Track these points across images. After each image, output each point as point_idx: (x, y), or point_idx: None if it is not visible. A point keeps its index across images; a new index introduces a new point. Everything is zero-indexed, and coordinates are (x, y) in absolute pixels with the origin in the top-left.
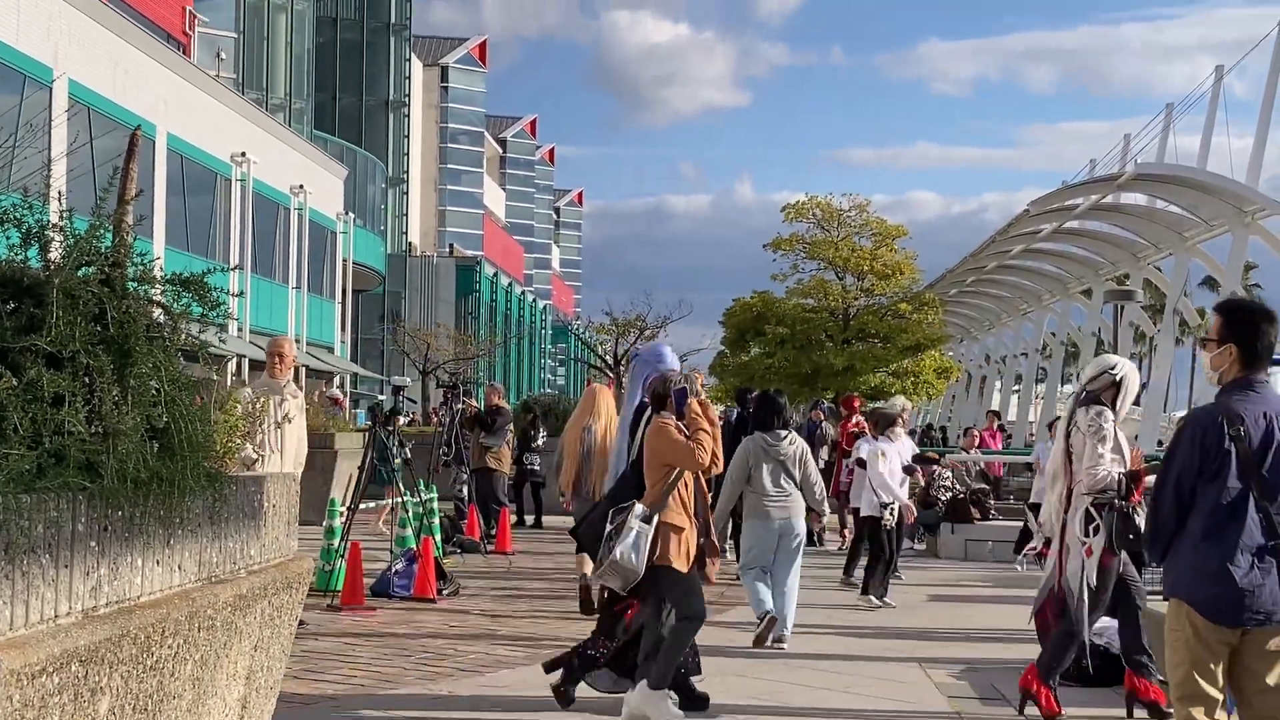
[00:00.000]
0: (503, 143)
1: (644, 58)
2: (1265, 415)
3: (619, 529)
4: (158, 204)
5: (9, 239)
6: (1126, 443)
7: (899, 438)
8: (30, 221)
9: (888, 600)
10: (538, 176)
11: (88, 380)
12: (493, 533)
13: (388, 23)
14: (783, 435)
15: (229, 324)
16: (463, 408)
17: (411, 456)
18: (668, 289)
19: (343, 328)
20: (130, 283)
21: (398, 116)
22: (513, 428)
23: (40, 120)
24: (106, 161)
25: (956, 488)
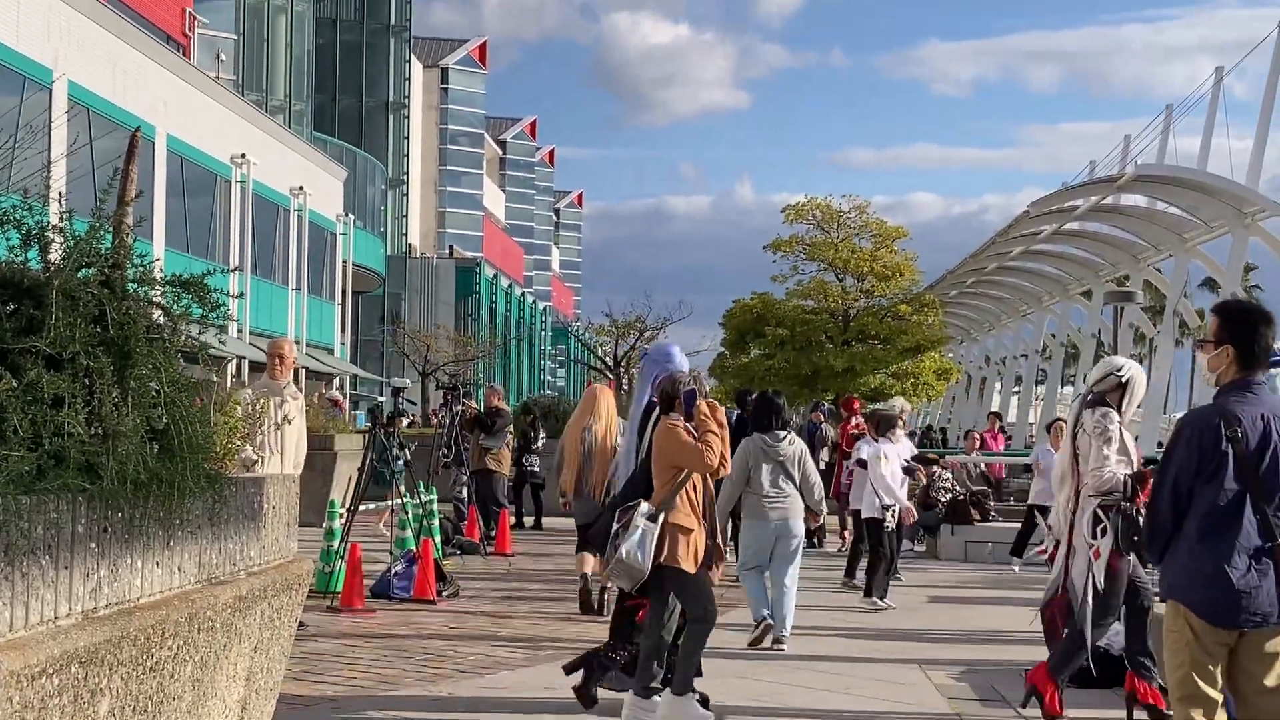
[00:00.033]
0: (502, 144)
1: (644, 59)
2: (1263, 417)
3: (625, 527)
4: (157, 205)
5: (9, 240)
6: (1133, 444)
7: (899, 439)
8: (30, 223)
9: (887, 602)
10: (538, 178)
11: (87, 382)
12: (492, 534)
13: (387, 24)
14: (782, 436)
15: (229, 325)
16: (462, 409)
17: (411, 458)
18: (668, 290)
19: (342, 329)
20: (130, 284)
21: (397, 118)
22: (512, 429)
23: (40, 122)
24: (106, 163)
25: (956, 489)
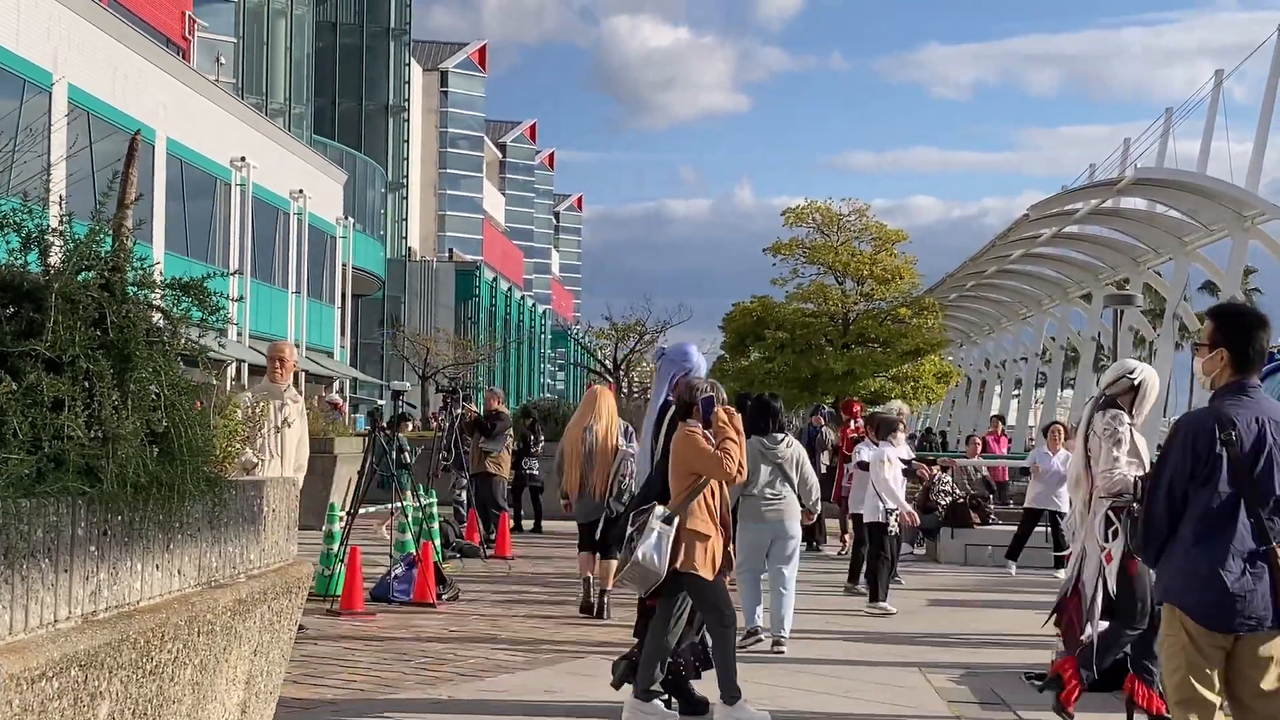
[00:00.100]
0: (502, 147)
1: (643, 62)
2: (1258, 420)
3: (640, 530)
4: (157, 209)
5: (9, 243)
6: (1145, 446)
7: (899, 443)
8: (30, 226)
9: (887, 605)
10: (537, 181)
11: (87, 385)
12: (492, 538)
13: (387, 27)
14: (780, 439)
15: (228, 329)
16: (462, 413)
17: (411, 462)
18: (667, 294)
19: (342, 332)
20: (130, 287)
21: (397, 121)
22: (512, 433)
23: (40, 125)
24: (106, 166)
25: (956, 492)
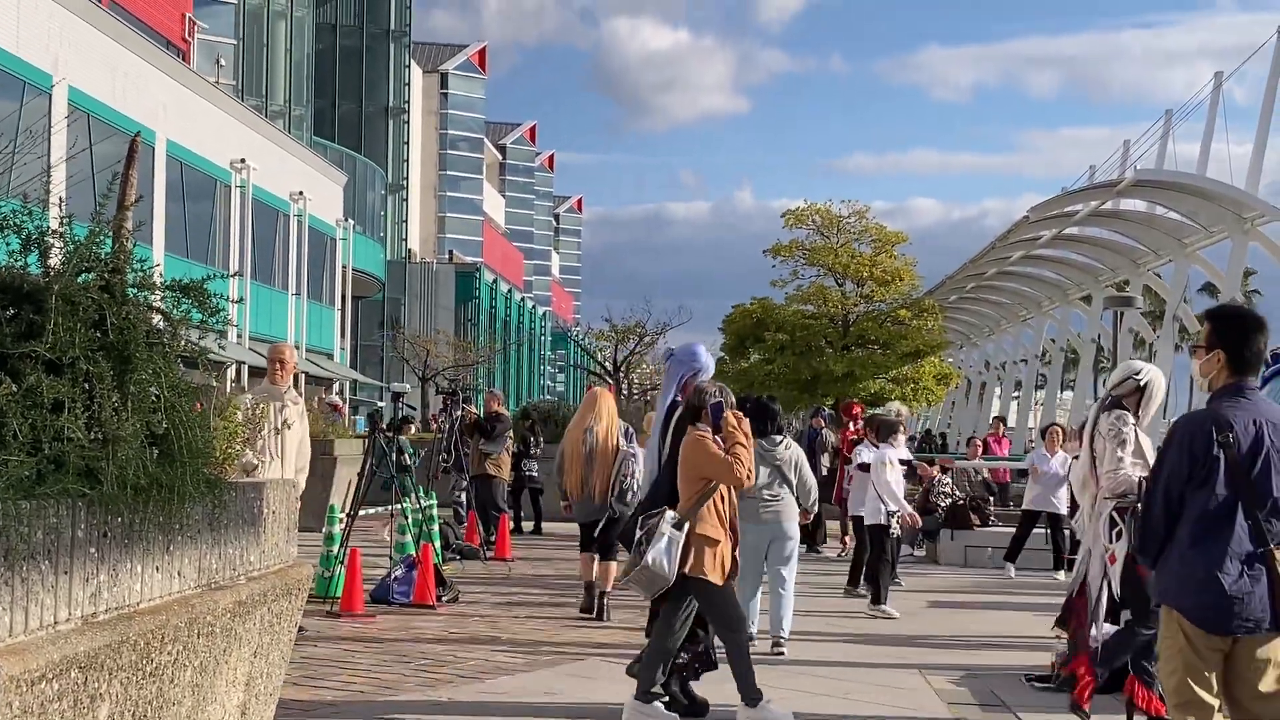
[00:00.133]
0: (502, 149)
1: (643, 64)
2: (1255, 422)
3: (650, 534)
4: (157, 210)
5: (9, 245)
6: (1151, 446)
7: (899, 445)
8: (30, 228)
9: (888, 608)
10: (537, 183)
11: (87, 386)
12: (492, 539)
13: (387, 29)
14: (778, 440)
15: (228, 330)
16: (462, 414)
17: (411, 464)
18: (667, 295)
19: (342, 334)
20: (130, 289)
21: (397, 123)
22: (512, 434)
23: (40, 126)
24: (106, 168)
25: (956, 494)
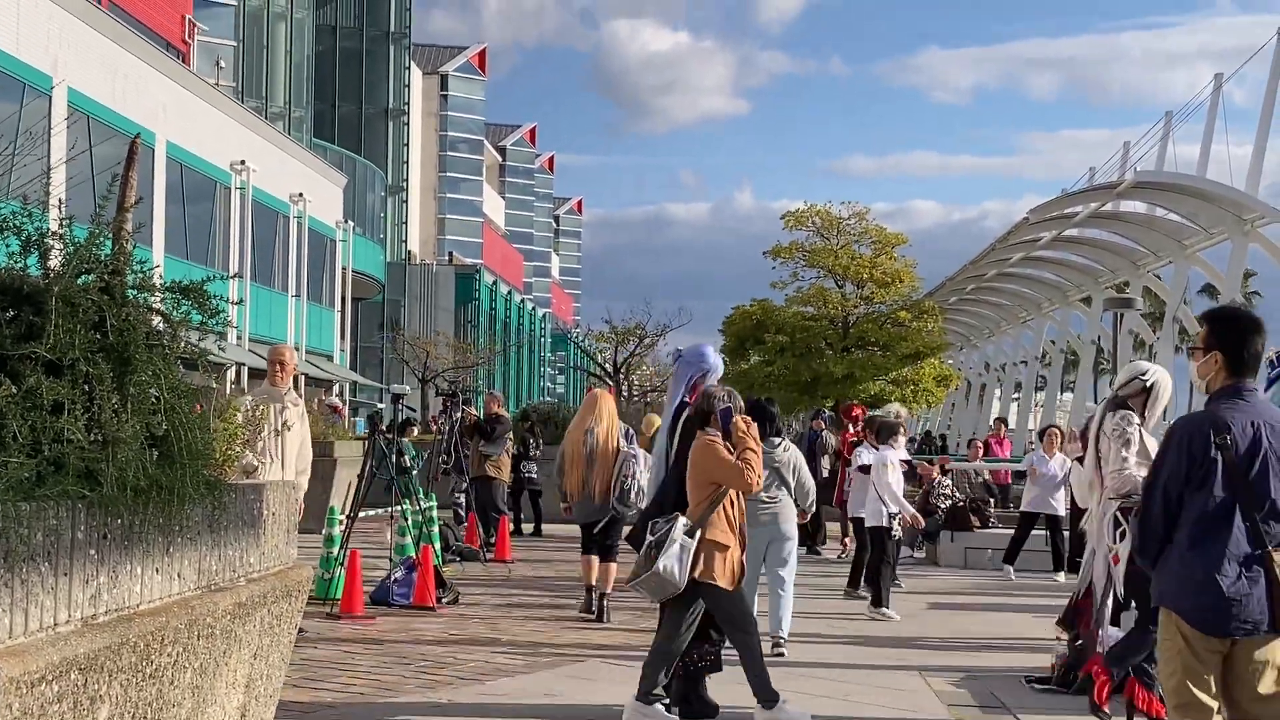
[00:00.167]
0: (502, 151)
1: (643, 66)
2: (1253, 424)
3: (661, 541)
4: (157, 212)
5: (9, 246)
6: (1155, 447)
7: (899, 446)
8: (30, 229)
9: (890, 612)
10: (537, 184)
11: (87, 388)
12: (492, 541)
13: (387, 31)
14: (776, 443)
15: (228, 332)
16: (462, 416)
17: (411, 466)
18: (667, 297)
19: (342, 336)
20: (130, 290)
21: (397, 125)
22: (511, 436)
23: (40, 128)
24: (106, 169)
25: (956, 495)
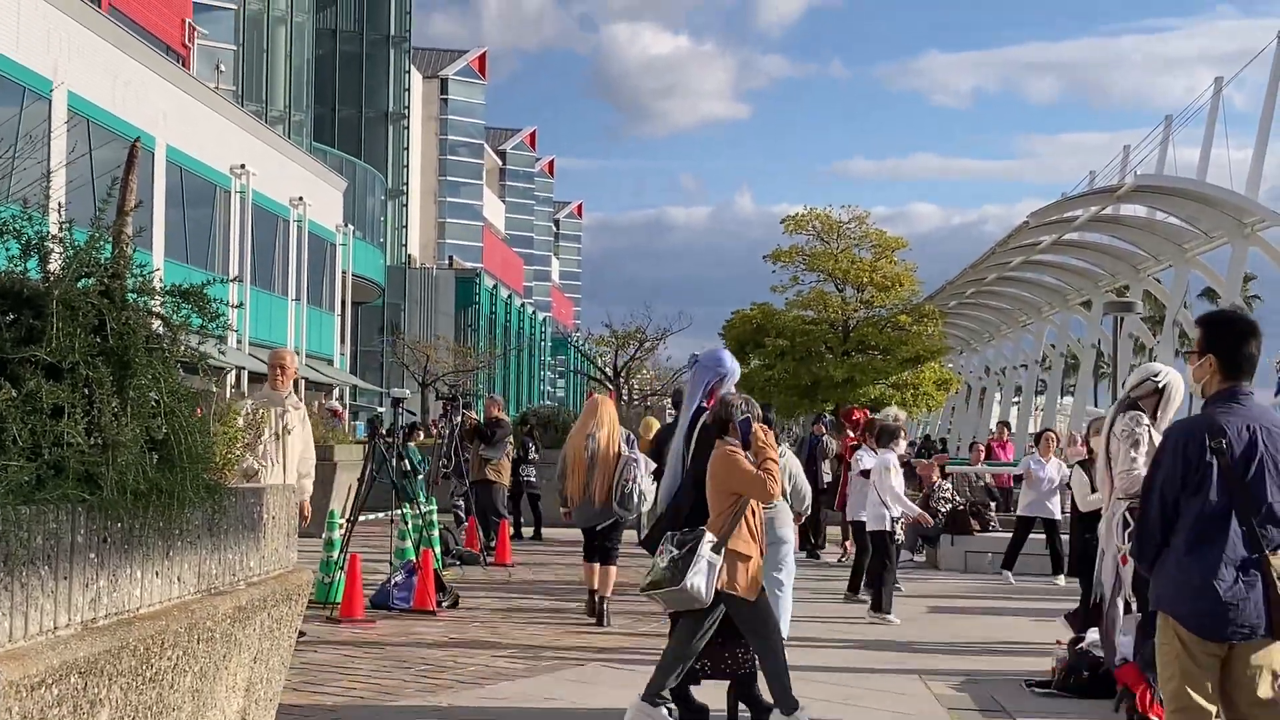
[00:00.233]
0: (502, 154)
1: (643, 70)
2: (1249, 428)
3: (688, 556)
4: (157, 216)
5: (8, 250)
6: None
7: (900, 450)
8: (30, 233)
9: (892, 616)
10: (537, 188)
11: (87, 392)
12: (492, 545)
13: (387, 35)
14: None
15: (228, 336)
16: (462, 420)
17: (420, 470)
18: (667, 301)
19: (342, 340)
20: (130, 294)
21: (397, 128)
22: (511, 440)
23: (39, 132)
24: (106, 173)
25: (956, 499)
